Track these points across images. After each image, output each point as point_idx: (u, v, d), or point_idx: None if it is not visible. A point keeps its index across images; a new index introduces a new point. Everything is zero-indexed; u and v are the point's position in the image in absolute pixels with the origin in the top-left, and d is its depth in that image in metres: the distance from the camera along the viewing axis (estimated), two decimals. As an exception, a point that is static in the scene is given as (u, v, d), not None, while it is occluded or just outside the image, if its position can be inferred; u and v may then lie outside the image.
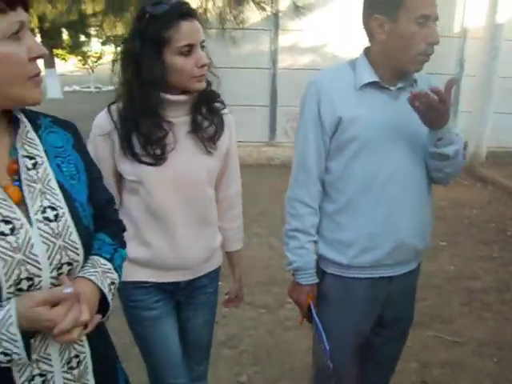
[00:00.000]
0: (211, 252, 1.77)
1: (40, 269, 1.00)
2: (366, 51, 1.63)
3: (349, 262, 1.66)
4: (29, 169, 1.05)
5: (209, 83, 1.62)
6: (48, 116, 1.17)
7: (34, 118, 1.12)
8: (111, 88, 1.72)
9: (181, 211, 1.65)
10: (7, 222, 0.97)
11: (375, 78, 1.57)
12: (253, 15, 5.32)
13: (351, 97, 1.58)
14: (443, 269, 4.16)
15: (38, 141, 1.09)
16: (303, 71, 6.63)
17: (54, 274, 1.02)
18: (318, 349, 1.78)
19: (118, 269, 1.21)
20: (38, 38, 17.17)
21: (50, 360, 1.06)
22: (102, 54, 22.04)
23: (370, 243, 1.63)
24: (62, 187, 1.09)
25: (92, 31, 16.00)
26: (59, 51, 20.55)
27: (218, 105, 1.68)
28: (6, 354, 0.94)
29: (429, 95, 1.40)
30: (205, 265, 1.76)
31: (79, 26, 14.34)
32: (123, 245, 1.30)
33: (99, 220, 1.21)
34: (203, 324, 1.85)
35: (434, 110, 1.43)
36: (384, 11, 1.50)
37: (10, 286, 0.96)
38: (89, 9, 11.44)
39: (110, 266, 1.17)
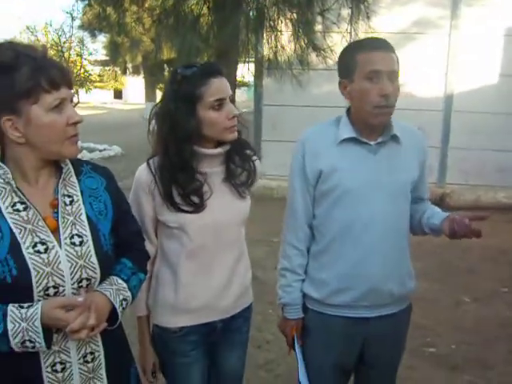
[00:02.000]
0: (245, 288, 1.88)
1: (64, 281, 1.31)
2: (348, 109, 1.79)
3: (325, 300, 1.79)
4: (66, 204, 1.38)
5: (239, 132, 1.75)
6: (90, 163, 1.51)
7: (78, 165, 1.46)
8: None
9: (220, 253, 1.77)
10: (43, 244, 1.30)
11: (353, 134, 1.72)
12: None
13: (332, 151, 1.74)
14: (498, 315, 4.05)
15: (77, 183, 1.42)
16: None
17: (75, 286, 1.33)
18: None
19: (132, 289, 1.47)
20: (142, 74, 18.62)
21: (69, 352, 1.35)
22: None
23: (344, 284, 1.75)
24: (90, 220, 1.40)
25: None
26: (161, 85, 22.11)
27: (249, 152, 1.82)
28: (30, 342, 1.24)
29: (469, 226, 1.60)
30: (238, 302, 1.86)
31: (178, 62, 15.40)
32: (143, 270, 1.57)
33: (125, 248, 1.51)
34: (237, 360, 1.95)
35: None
36: (345, 75, 1.70)
37: (40, 291, 1.27)
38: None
39: (125, 285, 1.45)
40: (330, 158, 1.74)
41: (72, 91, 1.33)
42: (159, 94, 21.83)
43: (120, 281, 1.45)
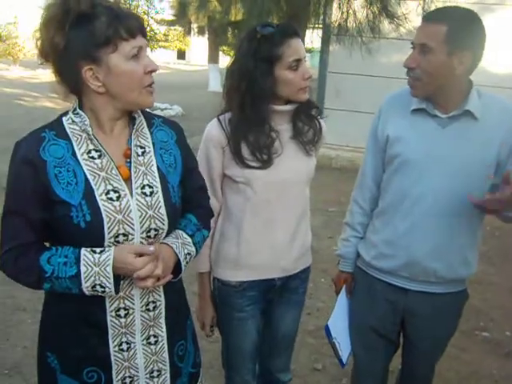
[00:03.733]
0: (305, 249, 1.92)
1: (133, 229, 1.34)
2: None
3: (369, 261, 1.84)
4: (138, 155, 1.40)
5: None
6: (161, 117, 1.53)
7: (150, 118, 1.49)
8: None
9: (283, 211, 1.80)
10: (115, 192, 1.33)
11: (423, 105, 1.68)
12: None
13: (402, 119, 1.72)
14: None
15: (149, 135, 1.44)
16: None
17: (144, 235, 1.36)
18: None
19: (196, 244, 1.51)
20: (206, 35, 18.61)
21: (133, 299, 1.39)
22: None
23: (388, 251, 1.77)
24: (160, 171, 1.42)
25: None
26: (225, 47, 22.06)
27: (314, 111, 1.85)
28: (101, 286, 1.29)
29: (497, 201, 1.44)
30: (299, 262, 1.90)
31: (242, 25, 15.28)
32: (207, 227, 1.60)
33: (191, 202, 1.54)
34: (292, 321, 2.00)
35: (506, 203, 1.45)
36: None
37: (110, 238, 1.31)
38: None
39: (189, 240, 1.48)
40: (398, 126, 1.74)
41: (146, 41, 1.34)
42: (222, 56, 21.85)
43: (185, 235, 1.48)
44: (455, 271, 1.76)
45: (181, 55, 41.47)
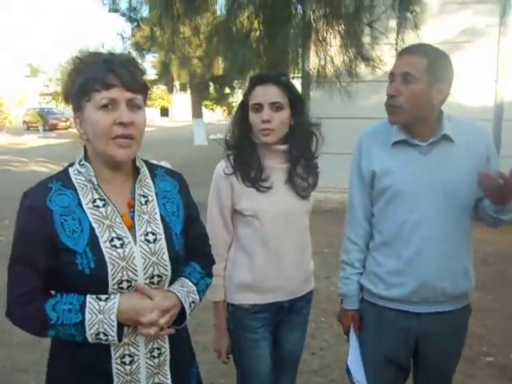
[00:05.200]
0: (309, 274, 2.09)
1: (137, 275, 1.36)
2: None
3: (379, 293, 1.86)
4: (142, 204, 1.45)
5: (311, 139, 1.99)
6: (163, 167, 1.59)
7: (153, 169, 1.54)
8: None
9: (288, 240, 1.96)
10: (119, 239, 1.36)
11: (403, 137, 1.77)
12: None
13: (385, 152, 1.81)
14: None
15: (152, 185, 1.50)
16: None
17: (147, 281, 1.38)
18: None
19: (200, 292, 1.53)
20: (188, 91, 19.03)
21: (138, 346, 1.39)
22: (245, 104, 23.57)
23: (396, 280, 1.81)
24: (163, 219, 1.46)
25: (235, 84, 17.41)
26: (207, 102, 22.55)
27: (314, 163, 2.03)
28: (104, 334, 1.30)
29: (496, 179, 1.51)
30: (304, 285, 2.06)
31: (224, 80, 15.75)
32: (210, 275, 1.63)
33: (194, 250, 1.57)
34: (297, 341, 2.14)
35: (499, 191, 1.56)
36: None
37: (114, 284, 1.33)
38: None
39: (194, 288, 1.50)
40: (383, 160, 1.81)
41: (134, 94, 1.35)
42: (205, 111, 22.27)
43: (190, 283, 1.50)
44: (461, 286, 1.84)
45: (164, 112, 42.17)
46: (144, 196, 1.46)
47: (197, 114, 19.26)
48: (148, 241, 1.40)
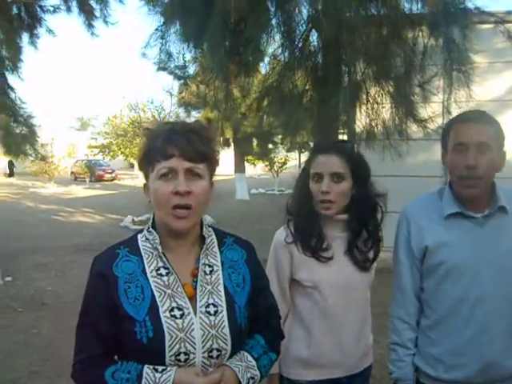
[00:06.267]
0: (368, 349, 2.00)
1: (195, 348, 1.34)
2: (451, 182, 1.77)
3: (438, 376, 1.75)
4: (206, 273, 1.43)
5: (372, 213, 1.90)
6: (233, 236, 1.57)
7: (222, 237, 1.53)
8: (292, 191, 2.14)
9: (349, 312, 1.89)
10: (179, 309, 1.36)
11: (457, 209, 1.71)
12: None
13: (437, 226, 1.74)
14: None
15: (218, 254, 1.49)
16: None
17: (206, 355, 1.36)
18: None
19: (261, 368, 1.47)
20: (232, 147, 19.42)
21: None
22: (287, 160, 23.82)
23: (458, 361, 1.71)
24: (227, 291, 1.44)
25: (278, 140, 17.67)
26: (249, 157, 22.88)
27: (379, 235, 1.95)
28: None
29: None
30: (362, 361, 1.97)
31: (267, 136, 16.03)
32: (275, 350, 1.55)
33: (260, 322, 1.52)
34: None
35: None
36: (443, 146, 1.75)
37: (171, 356, 1.32)
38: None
39: (254, 363, 1.45)
40: (436, 234, 1.74)
41: (193, 164, 1.35)
42: (247, 166, 22.58)
43: (250, 358, 1.45)
44: None
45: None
46: (209, 265, 1.45)
47: (239, 169, 19.52)
48: (208, 313, 1.38)
